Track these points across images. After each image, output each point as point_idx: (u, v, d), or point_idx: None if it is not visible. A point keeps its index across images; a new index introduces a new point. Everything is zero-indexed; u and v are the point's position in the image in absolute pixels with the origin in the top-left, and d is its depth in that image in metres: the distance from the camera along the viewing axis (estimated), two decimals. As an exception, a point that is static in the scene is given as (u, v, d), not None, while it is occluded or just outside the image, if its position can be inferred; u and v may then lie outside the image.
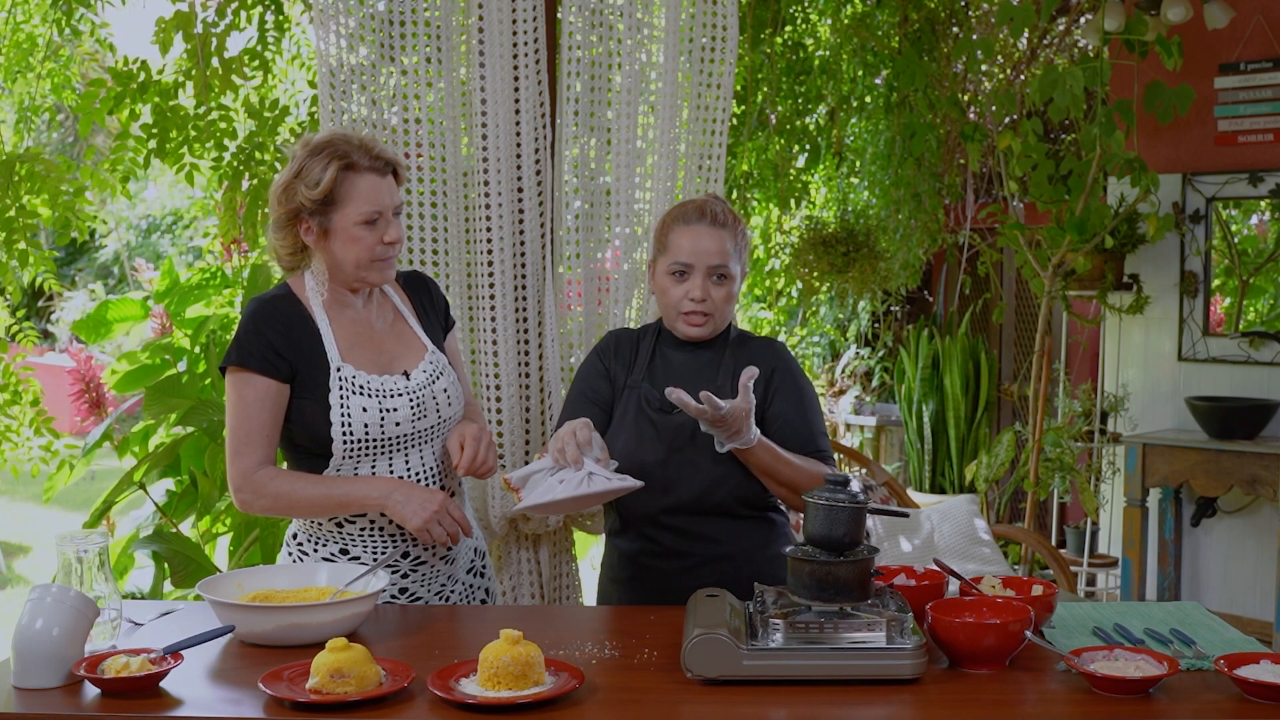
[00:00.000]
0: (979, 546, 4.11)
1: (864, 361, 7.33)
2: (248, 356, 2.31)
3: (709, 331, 2.46)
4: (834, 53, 5.61)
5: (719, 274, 2.42)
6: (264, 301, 2.38)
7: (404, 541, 2.39)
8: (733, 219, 2.48)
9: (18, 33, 4.61)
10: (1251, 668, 1.83)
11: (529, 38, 2.97)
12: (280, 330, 2.32)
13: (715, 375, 2.47)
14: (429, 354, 2.43)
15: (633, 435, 2.44)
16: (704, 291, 2.42)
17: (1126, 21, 4.62)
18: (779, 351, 2.54)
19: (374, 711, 1.76)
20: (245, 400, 2.31)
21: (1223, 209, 5.13)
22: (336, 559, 2.38)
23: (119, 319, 4.39)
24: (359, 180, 2.30)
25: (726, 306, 2.45)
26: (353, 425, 2.31)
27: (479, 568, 2.57)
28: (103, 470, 4.70)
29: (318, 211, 2.30)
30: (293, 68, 5.04)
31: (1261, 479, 4.64)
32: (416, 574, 2.43)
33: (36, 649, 1.85)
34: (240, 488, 2.32)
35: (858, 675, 1.85)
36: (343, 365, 2.33)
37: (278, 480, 2.32)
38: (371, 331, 2.41)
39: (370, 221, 2.30)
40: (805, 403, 2.49)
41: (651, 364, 2.51)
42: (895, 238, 5.43)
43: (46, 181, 3.82)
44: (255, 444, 2.31)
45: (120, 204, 10.09)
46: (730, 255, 2.43)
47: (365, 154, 2.31)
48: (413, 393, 2.37)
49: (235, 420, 2.33)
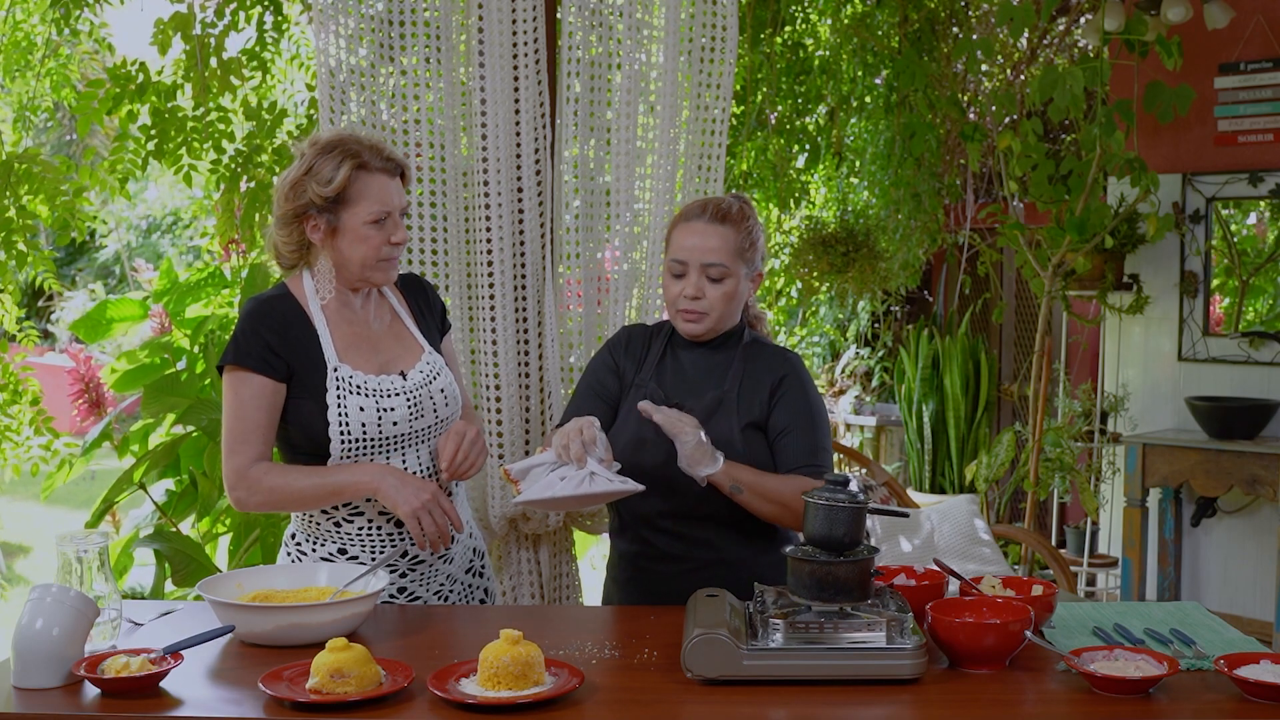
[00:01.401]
0: (979, 546, 4.11)
1: (864, 361, 7.33)
2: (244, 356, 2.31)
3: (705, 329, 2.44)
4: (834, 53, 5.61)
5: (714, 272, 2.40)
6: (261, 301, 2.38)
7: (402, 541, 2.39)
8: (741, 216, 2.43)
9: (17, 30, 4.61)
10: (1251, 668, 1.83)
11: (529, 38, 2.97)
12: (277, 330, 2.33)
13: (724, 380, 2.45)
14: (425, 354, 2.44)
15: (634, 436, 2.43)
16: (698, 289, 2.40)
17: (1126, 21, 4.62)
18: (790, 361, 2.49)
19: (374, 711, 1.76)
20: (241, 399, 2.32)
21: (1222, 209, 5.13)
22: (335, 559, 2.38)
23: (118, 319, 4.39)
24: (371, 180, 2.31)
25: (725, 305, 2.42)
26: (350, 425, 2.31)
27: (478, 568, 2.57)
28: (103, 470, 4.70)
29: (327, 209, 2.31)
30: (291, 68, 5.04)
31: (1261, 479, 4.64)
32: (415, 573, 2.43)
33: (36, 649, 1.84)
34: (235, 485, 2.32)
35: (858, 675, 1.85)
36: (340, 365, 2.33)
37: (271, 475, 2.32)
38: (369, 332, 2.42)
39: (379, 221, 2.32)
40: (810, 416, 2.44)
41: (661, 364, 2.51)
42: (895, 238, 5.43)
43: (45, 182, 3.82)
44: (251, 442, 2.31)
45: (121, 204, 10.09)
46: (729, 253, 2.40)
47: (377, 154, 2.33)
48: (410, 393, 2.37)
49: (231, 419, 2.33)
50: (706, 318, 2.42)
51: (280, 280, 2.46)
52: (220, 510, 3.73)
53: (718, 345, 2.49)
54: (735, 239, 2.41)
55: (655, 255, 3.04)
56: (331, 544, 2.39)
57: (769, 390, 2.43)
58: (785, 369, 2.46)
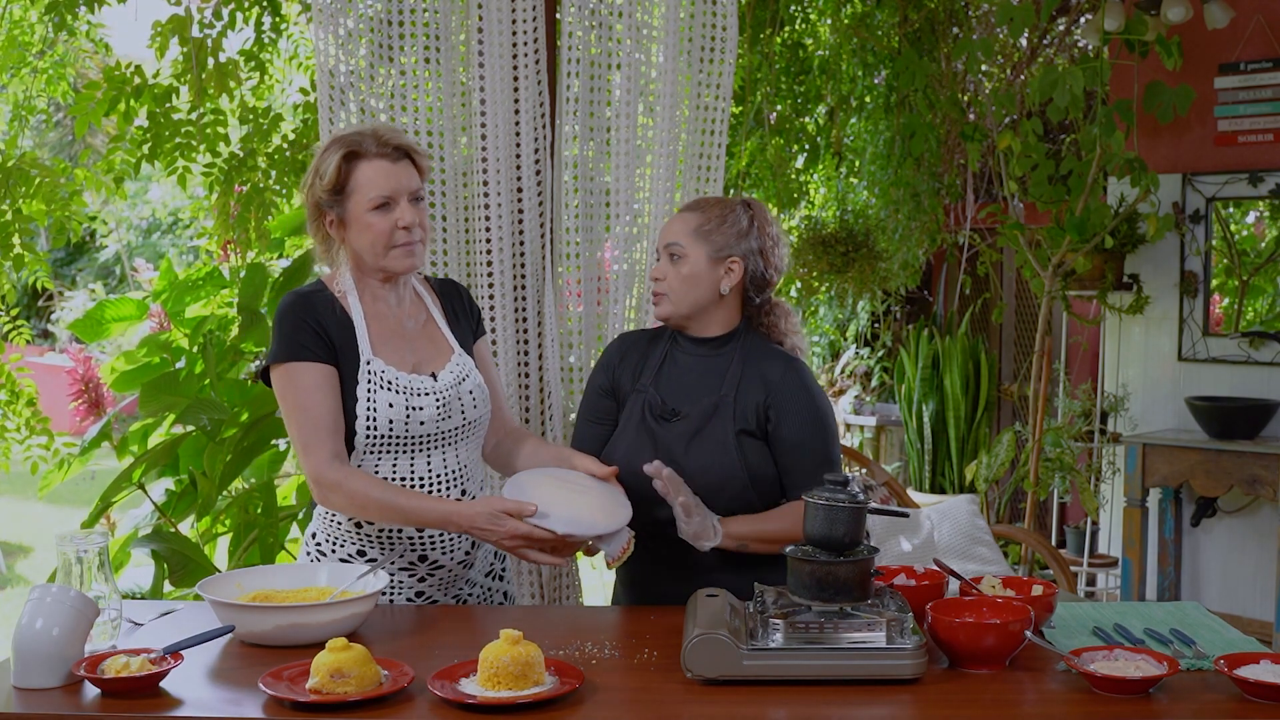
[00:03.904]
0: (979, 546, 4.11)
1: (864, 361, 7.33)
2: (296, 349, 2.29)
3: (667, 311, 2.45)
4: (833, 52, 5.61)
5: (672, 252, 2.42)
6: (297, 294, 2.39)
7: (421, 545, 2.39)
8: (718, 205, 2.45)
9: (14, 29, 4.61)
10: (1251, 668, 1.83)
11: (528, 38, 2.96)
12: (319, 319, 2.33)
13: (720, 384, 2.44)
14: (456, 356, 2.42)
15: (632, 443, 2.43)
16: (660, 270, 2.44)
17: (1126, 21, 4.62)
18: (790, 367, 2.44)
19: (374, 711, 1.75)
20: (300, 390, 2.29)
21: (1222, 209, 5.13)
22: (353, 560, 2.38)
23: (116, 319, 4.38)
24: (366, 166, 2.31)
25: (683, 285, 2.41)
26: (377, 420, 2.30)
27: (498, 571, 2.56)
28: (103, 471, 4.70)
29: (334, 203, 2.33)
30: (289, 69, 5.03)
31: (1261, 479, 4.64)
32: (434, 578, 2.42)
33: (36, 649, 1.84)
34: (317, 482, 2.28)
35: (858, 675, 1.85)
36: (373, 359, 2.33)
37: (357, 480, 2.28)
38: (403, 330, 2.41)
39: (380, 206, 2.31)
40: (813, 426, 2.40)
41: (662, 367, 2.50)
42: (895, 238, 5.43)
43: (42, 185, 3.82)
44: (322, 433, 2.28)
45: (121, 204, 10.09)
46: (686, 233, 2.41)
47: (375, 141, 2.32)
48: (440, 393, 2.36)
49: (296, 416, 2.29)
50: (665, 299, 2.44)
51: (316, 277, 2.46)
52: (219, 510, 3.72)
53: (717, 345, 2.47)
54: (698, 221, 2.43)
55: (654, 255, 3.03)
56: (350, 545, 2.39)
57: (764, 398, 2.41)
58: (783, 375, 2.43)
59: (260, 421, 3.53)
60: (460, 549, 2.42)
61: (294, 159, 4.13)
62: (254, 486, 3.71)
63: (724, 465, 2.37)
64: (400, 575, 2.40)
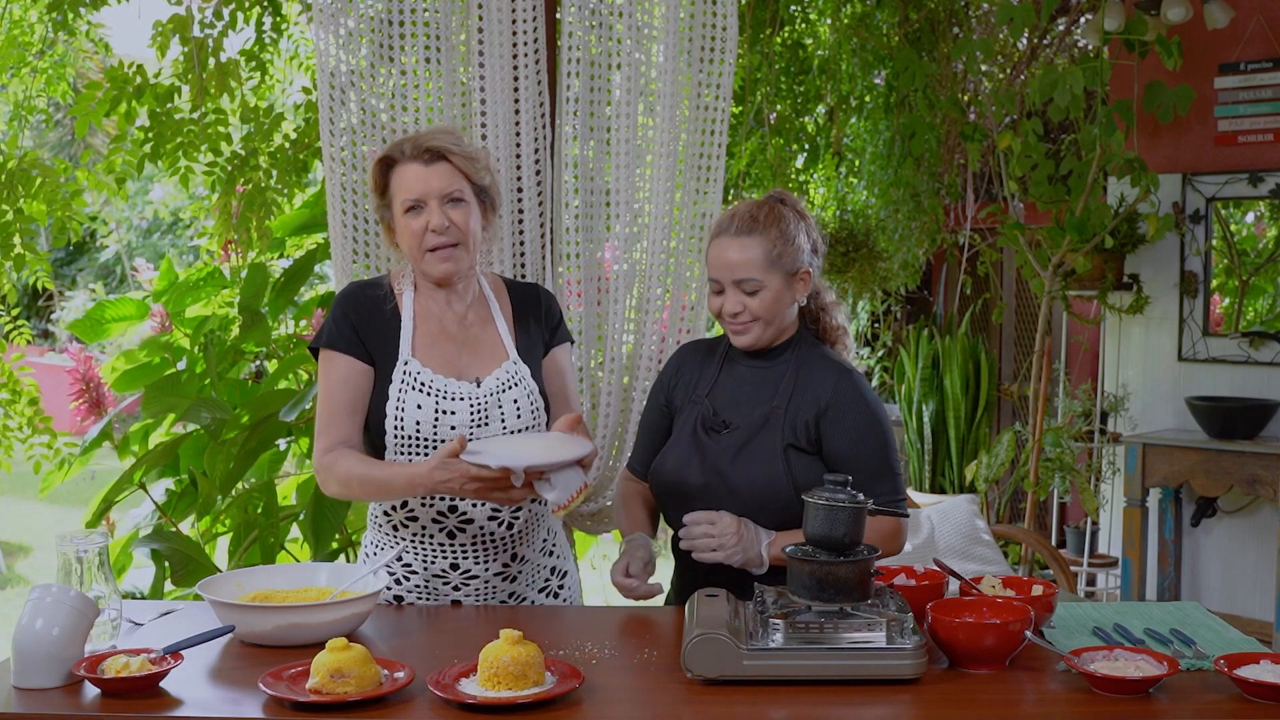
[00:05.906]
0: (979, 546, 4.11)
1: (863, 361, 7.32)
2: (334, 338, 2.36)
3: (755, 337, 2.38)
4: (833, 52, 5.61)
5: (748, 287, 2.35)
6: (356, 285, 2.45)
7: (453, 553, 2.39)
8: (771, 220, 2.37)
9: (14, 29, 4.61)
10: (1251, 668, 1.83)
11: (528, 37, 2.97)
12: (364, 315, 2.37)
13: (773, 395, 2.40)
14: (507, 363, 2.40)
15: (681, 456, 2.42)
16: (737, 304, 2.36)
17: (1126, 21, 4.62)
18: (842, 380, 2.39)
19: (374, 711, 1.76)
20: (329, 380, 2.36)
21: (1222, 209, 5.13)
22: (392, 565, 2.40)
23: (116, 319, 4.38)
24: (403, 171, 2.34)
25: (768, 311, 2.36)
26: (405, 420, 2.31)
27: (554, 588, 2.54)
28: (103, 471, 4.70)
29: (382, 209, 2.39)
30: (290, 68, 5.03)
31: (1261, 479, 4.64)
32: (469, 588, 2.41)
33: (36, 649, 1.85)
34: (315, 468, 2.36)
35: (858, 675, 1.85)
36: (410, 360, 2.34)
37: (344, 460, 2.30)
38: (453, 333, 2.41)
39: (412, 209, 2.33)
40: (868, 438, 2.35)
41: (719, 378, 2.47)
42: (895, 238, 5.43)
43: (43, 186, 3.82)
44: (334, 423, 2.33)
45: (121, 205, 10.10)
46: (759, 265, 2.33)
47: (411, 145, 2.35)
48: (477, 399, 2.34)
49: (320, 399, 2.37)
50: (753, 325, 2.38)
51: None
52: (220, 510, 3.72)
53: (773, 355, 2.44)
54: (764, 248, 2.35)
55: (655, 254, 3.04)
56: (390, 551, 2.40)
57: (815, 413, 2.36)
58: (835, 388, 2.37)
59: (262, 424, 3.53)
60: (498, 560, 2.41)
61: (295, 158, 4.13)
62: (254, 486, 3.71)
63: (770, 478, 2.34)
64: (434, 583, 2.40)
